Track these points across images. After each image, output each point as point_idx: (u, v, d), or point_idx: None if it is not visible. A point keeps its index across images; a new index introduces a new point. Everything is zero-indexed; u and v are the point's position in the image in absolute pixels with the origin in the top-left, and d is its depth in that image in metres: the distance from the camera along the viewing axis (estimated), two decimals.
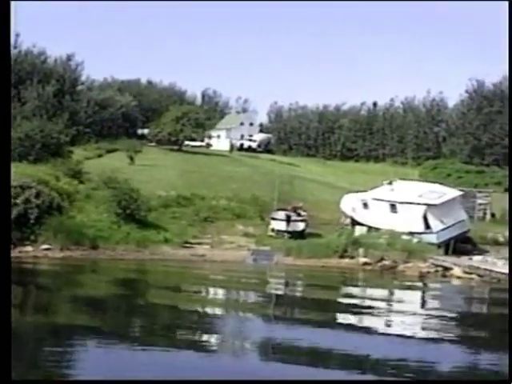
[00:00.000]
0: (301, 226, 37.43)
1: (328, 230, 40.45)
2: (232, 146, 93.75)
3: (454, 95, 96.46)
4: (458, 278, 30.13)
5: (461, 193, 39.73)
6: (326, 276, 31.55)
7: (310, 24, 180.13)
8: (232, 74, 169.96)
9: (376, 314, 24.50)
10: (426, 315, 24.83)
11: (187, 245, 35.16)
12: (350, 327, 21.86)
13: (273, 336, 20.32)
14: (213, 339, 19.67)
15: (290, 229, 36.98)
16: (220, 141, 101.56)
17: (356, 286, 30.77)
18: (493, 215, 48.87)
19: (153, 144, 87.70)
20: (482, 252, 39.84)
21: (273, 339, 19.93)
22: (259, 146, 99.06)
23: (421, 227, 37.43)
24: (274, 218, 37.77)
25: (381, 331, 21.53)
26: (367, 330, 21.25)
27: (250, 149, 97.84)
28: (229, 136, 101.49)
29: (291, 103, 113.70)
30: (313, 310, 24.55)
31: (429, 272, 31.01)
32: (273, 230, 37.25)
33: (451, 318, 24.25)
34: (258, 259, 33.52)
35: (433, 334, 21.35)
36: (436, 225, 37.31)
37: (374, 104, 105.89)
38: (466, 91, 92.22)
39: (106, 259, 34.28)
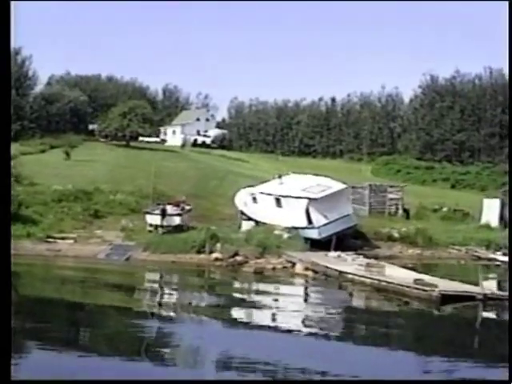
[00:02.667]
0: (176, 220, 36.26)
1: (222, 225, 39.38)
2: (184, 142, 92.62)
3: (410, 91, 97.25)
4: (297, 274, 29.01)
5: (345, 186, 38.48)
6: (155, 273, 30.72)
7: (274, 20, 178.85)
8: (193, 69, 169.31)
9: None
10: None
11: (50, 239, 34.05)
12: None
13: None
14: None
15: (165, 223, 35.85)
16: (175, 136, 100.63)
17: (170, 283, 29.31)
18: (405, 211, 47.62)
19: (104, 140, 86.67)
20: (371, 248, 38.74)
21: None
22: (213, 141, 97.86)
23: (303, 222, 36.29)
24: (148, 213, 36.63)
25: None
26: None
27: (204, 144, 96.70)
28: (183, 132, 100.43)
29: (251, 99, 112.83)
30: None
31: (274, 268, 29.80)
32: (151, 224, 36.14)
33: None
34: (111, 254, 32.42)
35: None
36: (318, 219, 36.11)
37: (333, 100, 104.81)
38: (419, 86, 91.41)
39: None
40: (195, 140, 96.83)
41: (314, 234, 36.07)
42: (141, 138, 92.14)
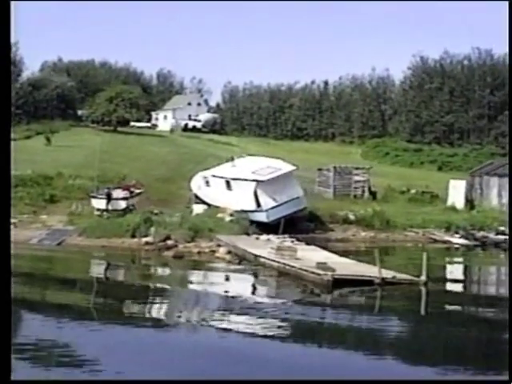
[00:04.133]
0: (122, 204, 35.90)
1: (178, 209, 39.07)
2: (173, 127, 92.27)
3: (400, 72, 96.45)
4: (217, 257, 28.54)
5: (294, 168, 37.88)
6: (75, 258, 30.19)
7: (269, 5, 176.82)
8: (188, 53, 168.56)
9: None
10: None
11: None
12: None
13: None
14: None
15: (110, 207, 35.49)
16: (167, 121, 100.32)
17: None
18: (372, 193, 46.98)
19: (94, 125, 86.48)
20: (325, 231, 38.28)
21: None
22: (204, 126, 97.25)
23: (252, 205, 35.85)
24: (93, 197, 36.26)
25: None
26: None
27: (195, 129, 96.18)
28: (175, 116, 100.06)
29: (246, 83, 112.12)
30: None
31: (200, 252, 29.31)
32: (98, 209, 35.81)
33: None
34: (45, 239, 32.13)
35: None
36: (267, 202, 35.66)
37: (325, 83, 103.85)
38: (409, 68, 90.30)
39: None
40: (186, 124, 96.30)
41: (262, 217, 35.68)
42: (132, 123, 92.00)
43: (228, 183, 37.38)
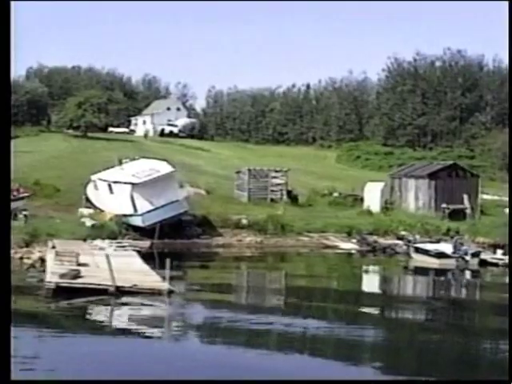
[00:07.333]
0: None
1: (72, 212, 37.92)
2: (146, 132, 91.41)
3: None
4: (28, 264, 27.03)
5: (172, 170, 36.32)
6: None
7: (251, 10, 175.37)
8: (173, 59, 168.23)
9: None
10: None
11: None
12: None
13: None
14: None
15: None
16: (145, 127, 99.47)
17: None
18: (292, 196, 45.14)
19: (70, 131, 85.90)
20: (212, 236, 36.68)
21: None
22: (181, 131, 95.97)
23: (130, 209, 34.49)
24: None
25: None
26: None
27: (171, 134, 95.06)
28: (153, 122, 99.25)
29: (230, 87, 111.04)
30: None
31: (22, 258, 27.85)
32: None
33: None
34: None
35: None
36: (143, 206, 34.27)
37: (307, 86, 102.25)
38: (383, 70, 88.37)
39: None
40: (162, 130, 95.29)
41: (138, 221, 34.32)
42: (110, 129, 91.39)
43: (110, 186, 36.12)
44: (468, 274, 30.74)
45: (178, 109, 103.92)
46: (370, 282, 30.87)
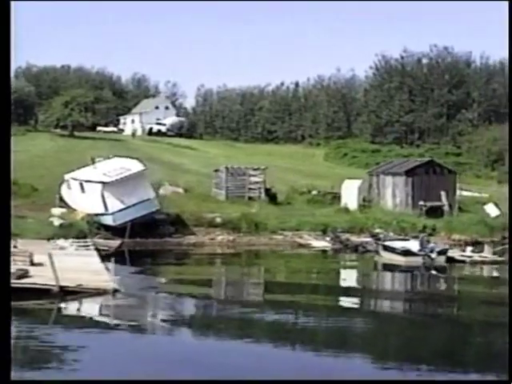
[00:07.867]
0: None
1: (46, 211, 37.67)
2: (133, 131, 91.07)
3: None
4: None
5: (143, 168, 36.05)
6: None
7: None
8: (162, 58, 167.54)
9: None
10: None
11: None
12: None
13: None
14: None
15: None
16: (134, 126, 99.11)
17: None
18: (270, 195, 44.78)
19: (57, 130, 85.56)
20: (184, 235, 36.41)
21: None
22: (169, 130, 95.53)
23: (101, 208, 34.25)
24: None
25: None
26: None
27: (160, 133, 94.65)
28: (141, 120, 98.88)
29: (219, 86, 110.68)
30: None
31: None
32: None
33: None
34: None
35: None
36: (114, 205, 34.03)
37: (296, 84, 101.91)
38: (371, 67, 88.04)
39: None
40: (151, 129, 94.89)
41: (109, 220, 34.10)
42: (99, 128, 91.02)
43: (82, 185, 35.87)
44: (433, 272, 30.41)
45: (167, 107, 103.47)
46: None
